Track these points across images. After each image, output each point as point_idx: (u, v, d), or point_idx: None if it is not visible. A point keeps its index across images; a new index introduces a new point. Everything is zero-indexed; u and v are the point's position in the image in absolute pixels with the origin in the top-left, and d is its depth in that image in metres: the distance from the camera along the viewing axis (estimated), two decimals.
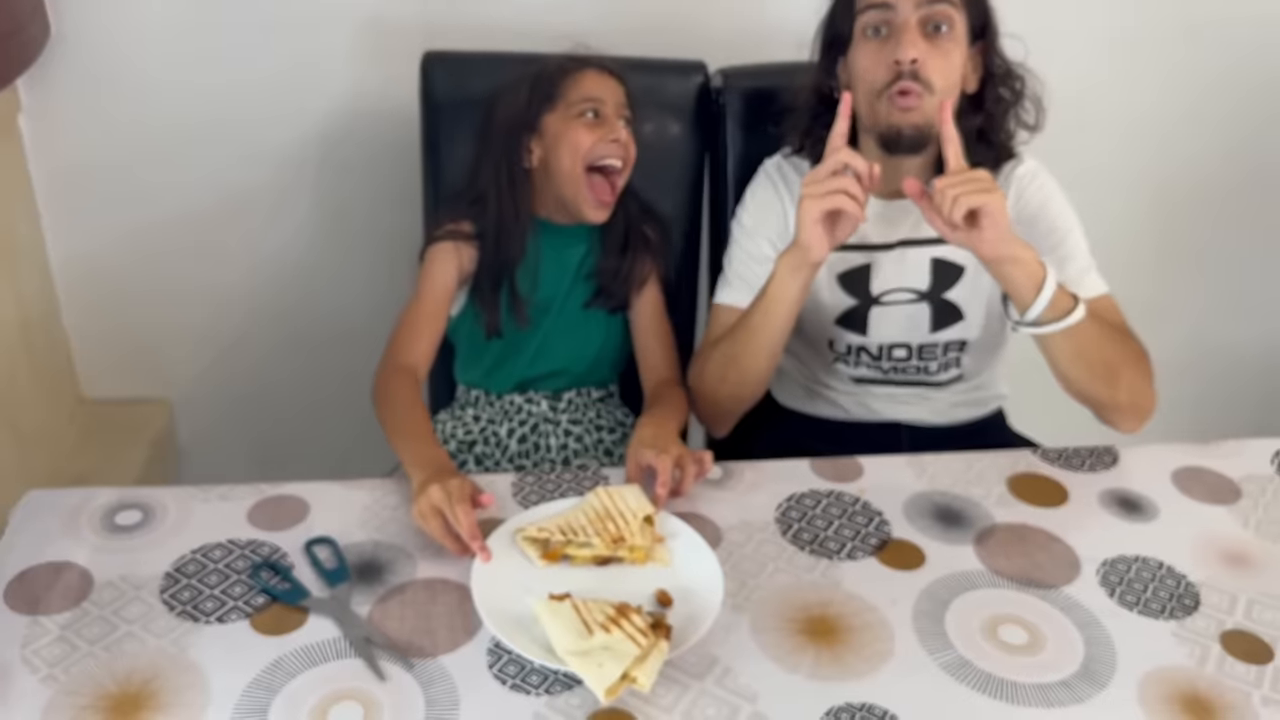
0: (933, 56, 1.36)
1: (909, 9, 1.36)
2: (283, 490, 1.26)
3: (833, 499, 1.30)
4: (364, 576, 1.14)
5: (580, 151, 1.45)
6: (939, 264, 1.49)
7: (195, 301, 1.99)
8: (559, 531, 1.17)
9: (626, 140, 1.47)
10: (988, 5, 1.43)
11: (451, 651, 1.06)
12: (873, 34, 1.39)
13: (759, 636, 1.10)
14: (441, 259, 1.50)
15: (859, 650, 1.09)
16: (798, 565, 1.19)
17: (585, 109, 1.45)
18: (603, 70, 1.48)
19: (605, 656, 1.01)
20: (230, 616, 1.08)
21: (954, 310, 1.51)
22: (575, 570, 1.16)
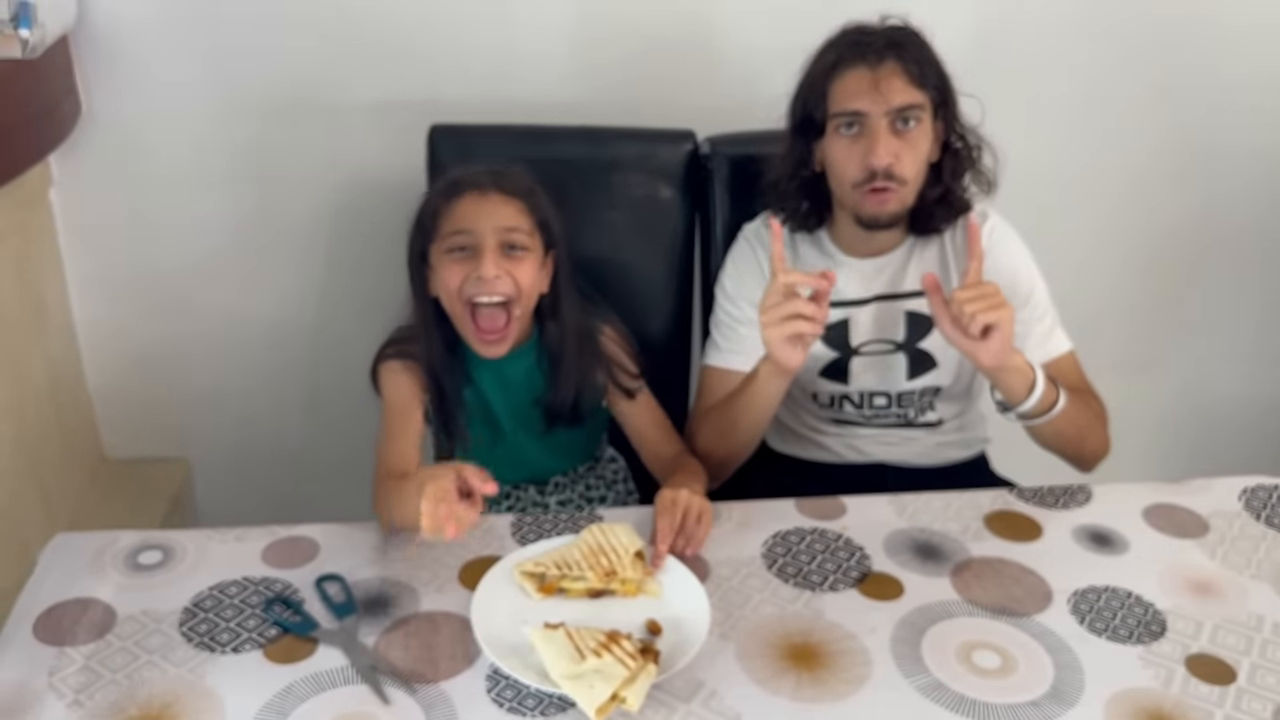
0: (904, 151, 1.45)
1: (879, 114, 1.43)
2: (295, 532, 1.33)
3: (816, 535, 1.37)
4: (370, 610, 1.21)
5: (451, 291, 1.40)
6: (913, 316, 1.58)
7: (213, 364, 2.08)
8: (554, 566, 1.23)
9: (502, 272, 1.37)
10: (946, 80, 1.49)
11: (452, 678, 1.12)
12: (846, 130, 1.46)
13: (744, 661, 1.16)
14: (393, 374, 1.48)
15: (839, 674, 1.14)
16: (782, 597, 1.26)
17: (454, 244, 1.38)
18: (482, 192, 1.39)
19: (596, 679, 1.07)
20: (244, 647, 1.15)
21: (928, 359, 1.60)
22: (570, 602, 1.23)
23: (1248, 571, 1.32)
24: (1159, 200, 2.19)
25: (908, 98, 1.43)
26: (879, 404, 1.63)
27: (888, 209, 1.48)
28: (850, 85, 1.44)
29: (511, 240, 1.38)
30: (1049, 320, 1.59)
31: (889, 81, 1.42)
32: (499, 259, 1.37)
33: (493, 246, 1.37)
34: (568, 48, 1.90)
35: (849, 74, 1.44)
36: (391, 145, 1.90)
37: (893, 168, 1.44)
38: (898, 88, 1.43)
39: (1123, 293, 2.26)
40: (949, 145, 1.52)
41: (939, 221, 1.55)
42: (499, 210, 1.38)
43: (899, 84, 1.43)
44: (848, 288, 1.57)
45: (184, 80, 1.85)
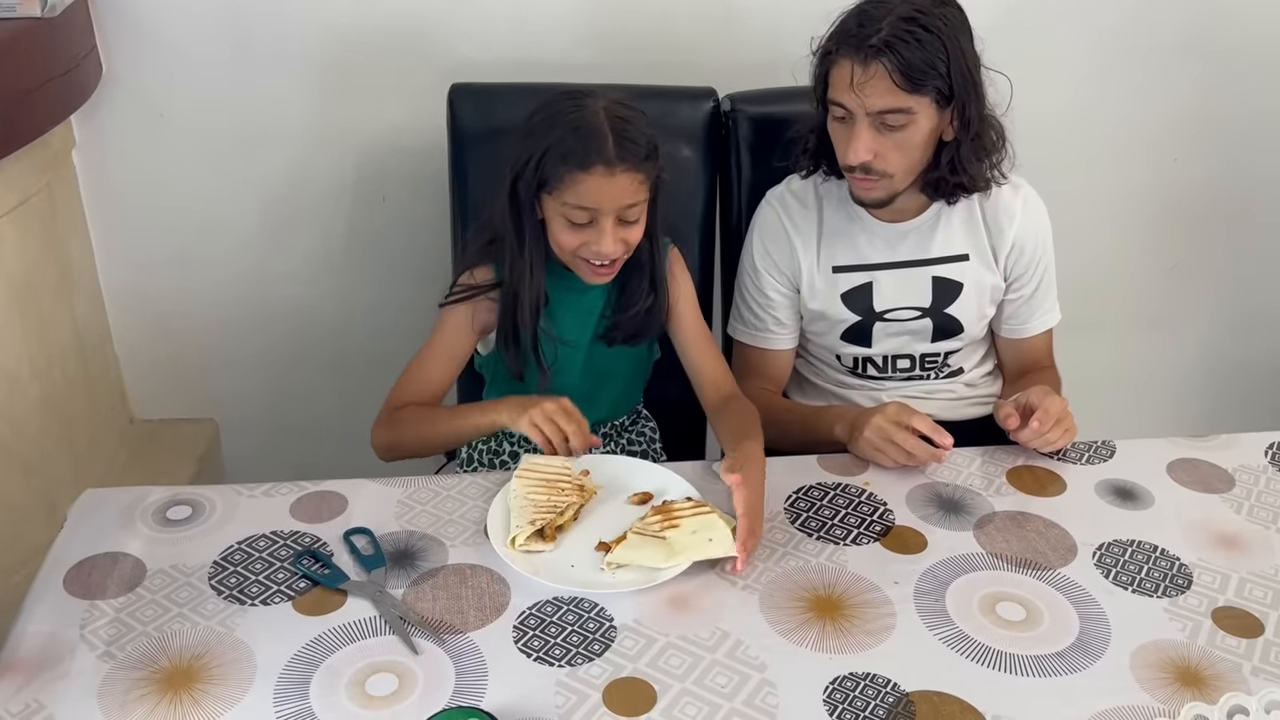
0: (887, 149, 1.43)
1: (861, 113, 1.42)
2: (323, 487, 1.34)
3: (839, 491, 1.37)
4: (399, 563, 1.22)
5: (565, 248, 1.41)
6: (939, 281, 1.57)
7: (239, 325, 2.09)
8: (534, 514, 1.24)
9: (616, 243, 1.39)
10: (960, 72, 1.41)
11: (481, 628, 1.13)
12: (836, 116, 1.46)
13: (768, 613, 1.16)
14: (455, 323, 1.49)
15: (862, 625, 1.15)
16: (806, 550, 1.26)
17: (574, 216, 1.37)
18: (610, 171, 1.34)
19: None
20: (274, 599, 1.17)
21: (954, 323, 1.60)
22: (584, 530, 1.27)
23: (1275, 526, 1.32)
24: (1186, 156, 2.17)
25: (890, 102, 1.39)
26: (902, 365, 1.64)
27: (872, 195, 1.49)
28: (838, 78, 1.43)
29: (629, 216, 1.39)
30: (1053, 294, 1.64)
31: (874, 84, 1.38)
32: (616, 229, 1.38)
33: (612, 224, 1.38)
34: (588, 6, 1.89)
35: (840, 66, 1.42)
36: (412, 106, 1.90)
37: (871, 164, 1.44)
38: (881, 90, 1.39)
39: (1151, 250, 2.24)
40: (965, 128, 1.46)
41: (957, 193, 1.53)
42: (623, 190, 1.36)
43: (884, 87, 1.38)
44: (872, 251, 1.57)
45: (204, 40, 1.85)
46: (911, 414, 1.39)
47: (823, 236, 1.58)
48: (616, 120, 1.36)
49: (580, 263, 1.42)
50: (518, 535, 1.22)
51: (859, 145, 1.42)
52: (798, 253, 1.58)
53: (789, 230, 1.58)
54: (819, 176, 1.59)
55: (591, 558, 1.22)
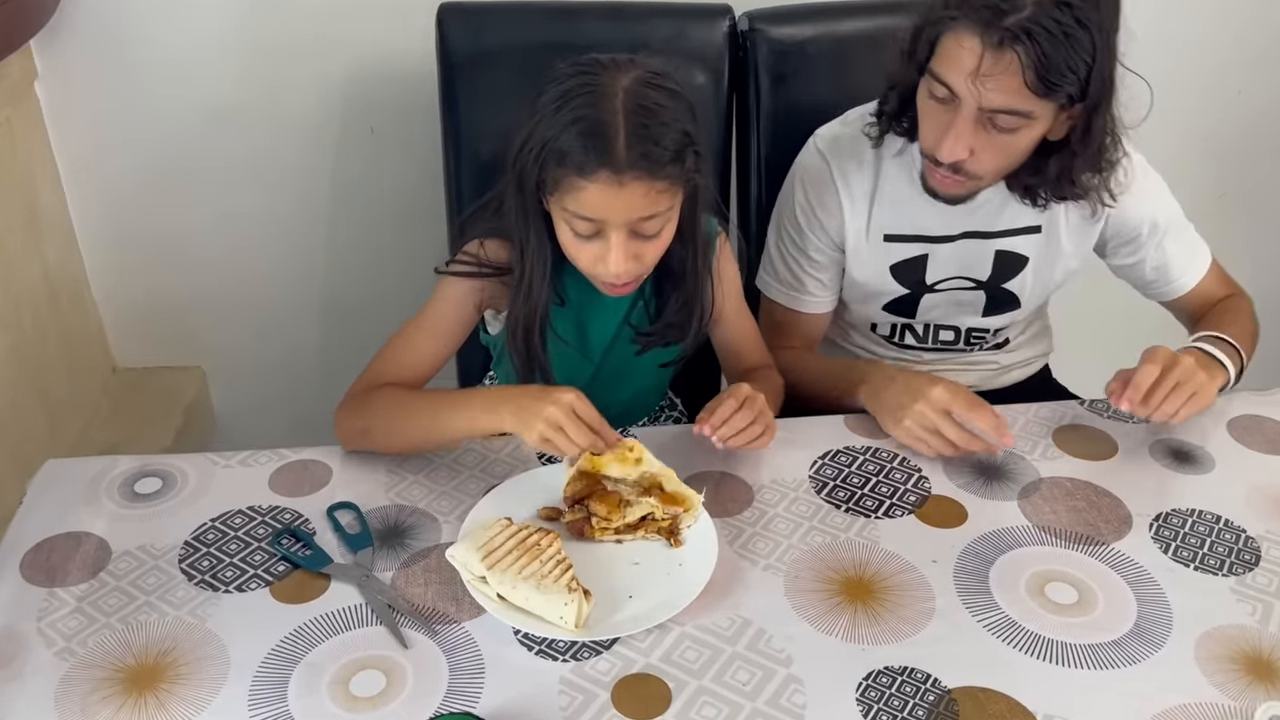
0: (986, 150, 1.23)
1: (971, 104, 1.19)
2: (305, 455, 1.23)
3: (869, 455, 1.25)
4: (387, 542, 1.11)
5: (572, 259, 1.20)
6: (1003, 255, 1.41)
7: (223, 268, 1.97)
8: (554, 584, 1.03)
9: (627, 261, 1.15)
10: (1096, 78, 1.17)
11: (476, 618, 1.03)
12: (935, 94, 1.23)
13: (793, 597, 1.05)
14: (454, 298, 1.27)
15: (898, 611, 1.04)
16: (833, 524, 1.15)
17: (579, 226, 1.15)
18: (617, 180, 1.09)
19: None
20: (250, 585, 1.06)
21: (1010, 299, 1.45)
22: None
23: None
24: (1249, 89, 2.01)
25: (1012, 102, 1.17)
26: (945, 338, 1.51)
27: (951, 192, 1.31)
28: (952, 54, 1.18)
29: (645, 230, 1.15)
30: (1188, 236, 1.45)
31: (999, 79, 1.15)
32: (629, 243, 1.15)
33: (623, 239, 1.14)
34: None
35: (959, 40, 1.17)
36: (398, 28, 1.74)
37: (964, 163, 1.24)
38: (1006, 88, 1.16)
39: (1206, 181, 2.09)
40: (1086, 136, 1.25)
41: (1043, 197, 1.33)
42: (635, 201, 1.11)
43: (1010, 85, 1.15)
44: (932, 222, 1.38)
45: None
46: (959, 400, 1.22)
47: (877, 199, 1.39)
48: (636, 111, 1.09)
49: (593, 276, 1.21)
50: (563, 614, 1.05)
51: (957, 142, 1.21)
52: (845, 214, 1.39)
53: (838, 187, 1.39)
54: None
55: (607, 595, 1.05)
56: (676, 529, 1.12)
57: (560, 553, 1.05)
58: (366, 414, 1.22)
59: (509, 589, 1.02)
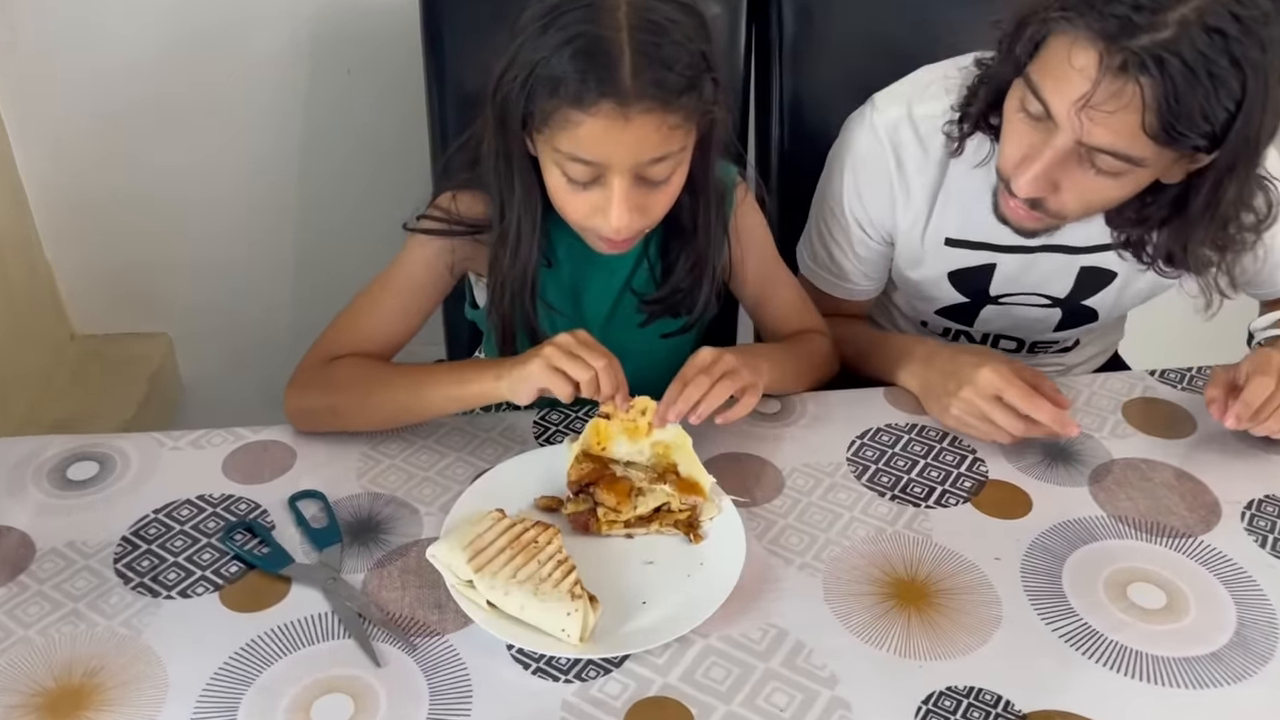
0: (1075, 189, 1.00)
1: (1069, 136, 0.95)
2: (265, 436, 1.07)
3: (914, 434, 1.09)
4: (358, 538, 0.96)
5: (563, 211, 1.02)
6: (1089, 272, 1.21)
7: (188, 225, 1.80)
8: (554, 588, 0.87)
9: (630, 213, 0.97)
10: (1254, 122, 0.92)
11: (462, 630, 0.87)
12: (1029, 109, 0.99)
13: (836, 603, 0.90)
14: (423, 260, 1.09)
15: (959, 618, 0.89)
16: (878, 515, 0.99)
17: (574, 170, 0.96)
18: (623, 112, 0.91)
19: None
20: (196, 589, 0.90)
21: (1089, 314, 1.26)
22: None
23: None
24: None
25: (1122, 145, 0.94)
26: (1006, 346, 1.33)
27: (1023, 226, 1.07)
28: (1059, 65, 0.94)
29: (653, 174, 0.97)
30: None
31: (1114, 119, 0.92)
32: (633, 192, 0.97)
33: (627, 186, 0.96)
34: None
35: (1070, 47, 0.93)
36: None
37: (1045, 201, 1.01)
38: (1120, 128, 0.92)
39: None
40: (1211, 204, 1.02)
41: (1148, 256, 1.11)
42: (644, 138, 0.93)
43: (1125, 125, 0.92)
44: (1002, 230, 1.11)
45: None
46: (1012, 386, 1.03)
47: (940, 197, 1.18)
48: (643, 28, 0.91)
49: (586, 230, 1.03)
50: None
51: (1041, 176, 0.99)
52: (898, 210, 1.19)
53: (894, 178, 1.17)
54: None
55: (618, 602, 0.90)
56: (696, 522, 0.96)
57: (561, 551, 0.89)
58: (333, 389, 1.05)
59: (501, 595, 0.86)
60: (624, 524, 0.96)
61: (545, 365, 0.94)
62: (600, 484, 0.96)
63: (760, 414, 1.10)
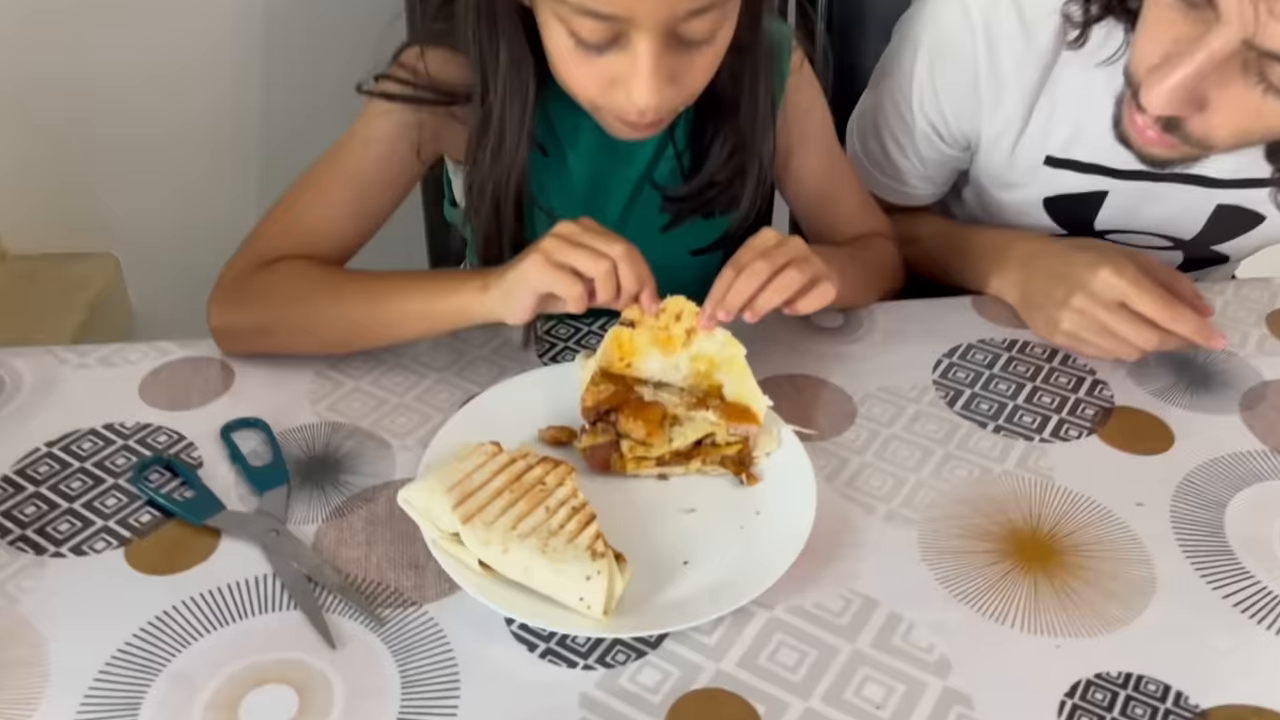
0: (1230, 109, 0.74)
1: (1234, 33, 0.69)
2: (194, 351, 0.84)
3: (1016, 351, 0.88)
4: (311, 479, 0.74)
5: (572, 85, 0.77)
6: (1227, 211, 0.96)
7: (135, 122, 1.58)
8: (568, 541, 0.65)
9: (661, 89, 0.73)
10: None
11: (446, 598, 0.66)
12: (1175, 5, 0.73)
13: (938, 564, 0.68)
14: (386, 133, 0.85)
15: (1100, 582, 0.67)
16: (981, 450, 0.77)
17: (585, 28, 0.71)
18: None
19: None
20: (95, 544, 0.68)
21: (1216, 259, 1.03)
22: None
23: None
24: None
25: None
26: None
27: (1153, 153, 0.82)
28: None
29: (690, 32, 0.72)
30: None
31: None
32: (664, 56, 0.72)
33: (656, 50, 0.71)
34: None
35: None
36: None
37: (1185, 122, 0.76)
38: None
39: None
40: None
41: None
42: None
43: None
44: (1119, 151, 0.85)
45: None
46: (1138, 290, 0.81)
47: (1042, 102, 0.93)
48: None
49: (599, 110, 0.79)
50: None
51: (1180, 87, 0.73)
52: (984, 113, 0.95)
53: (982, 71, 0.92)
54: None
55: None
56: (749, 458, 0.74)
57: (577, 495, 0.68)
58: (265, 302, 0.82)
59: (498, 553, 0.64)
60: (655, 461, 0.74)
61: (544, 262, 0.71)
62: (624, 410, 0.74)
63: (818, 327, 0.89)
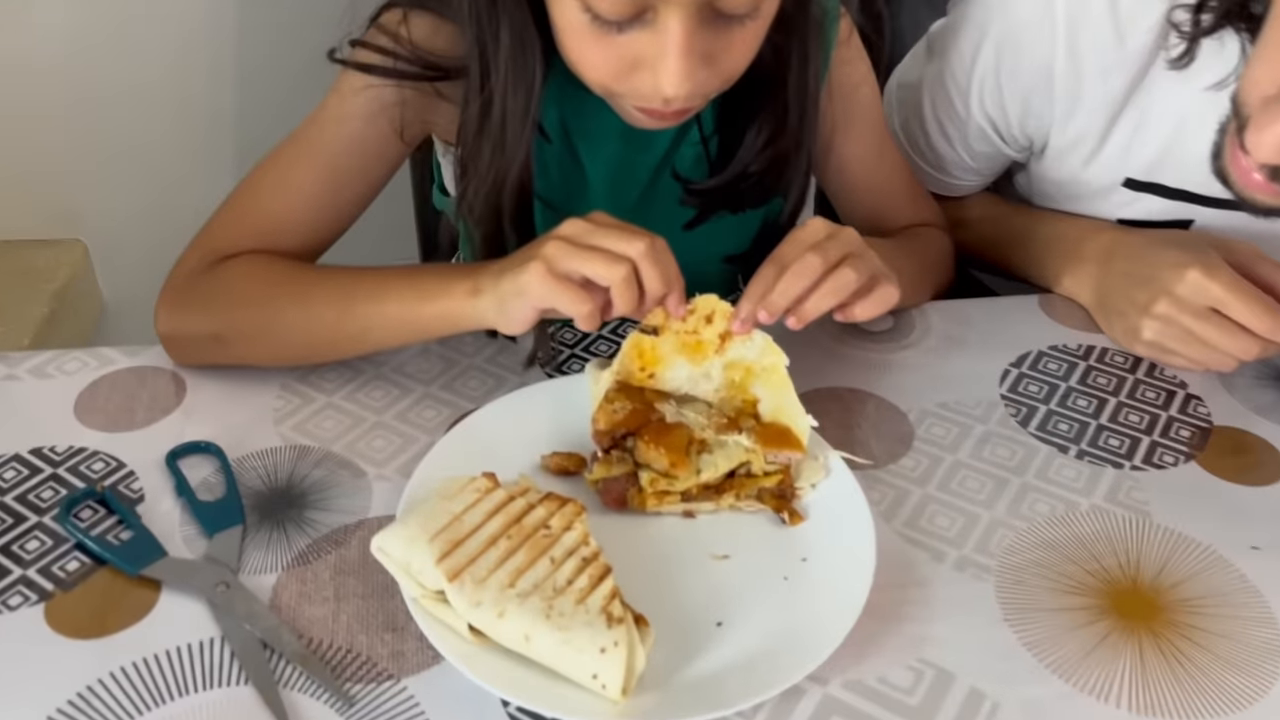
0: None
1: None
2: (142, 360, 0.73)
3: (1095, 360, 0.76)
4: (271, 516, 0.62)
5: (586, 72, 0.65)
6: None
7: (105, 108, 1.47)
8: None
9: (692, 74, 0.60)
10: None
11: (427, 671, 0.54)
12: None
13: (1022, 625, 0.57)
14: (363, 110, 0.72)
15: (1219, 649, 0.56)
16: (1063, 481, 0.66)
17: (604, 6, 0.59)
18: None
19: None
20: (9, 599, 0.57)
21: None
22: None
23: None
24: None
25: None
26: None
27: (1256, 199, 0.69)
28: None
29: (729, 5, 0.60)
30: None
31: None
32: (700, 34, 0.60)
33: (690, 25, 0.59)
34: None
35: None
36: None
37: None
38: None
39: None
40: None
41: None
42: None
43: None
44: (1213, 180, 0.73)
45: None
46: (1233, 292, 0.70)
47: (1128, 114, 0.79)
48: None
49: (617, 96, 0.66)
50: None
51: None
52: (1055, 119, 0.81)
53: (1059, 72, 0.78)
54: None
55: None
56: (791, 490, 0.63)
57: (587, 542, 0.56)
58: (218, 305, 0.70)
59: (492, 617, 0.52)
60: (681, 496, 0.62)
61: (546, 274, 0.58)
62: (643, 435, 0.62)
63: (863, 331, 0.77)
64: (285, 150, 0.73)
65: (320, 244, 0.74)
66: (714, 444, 0.63)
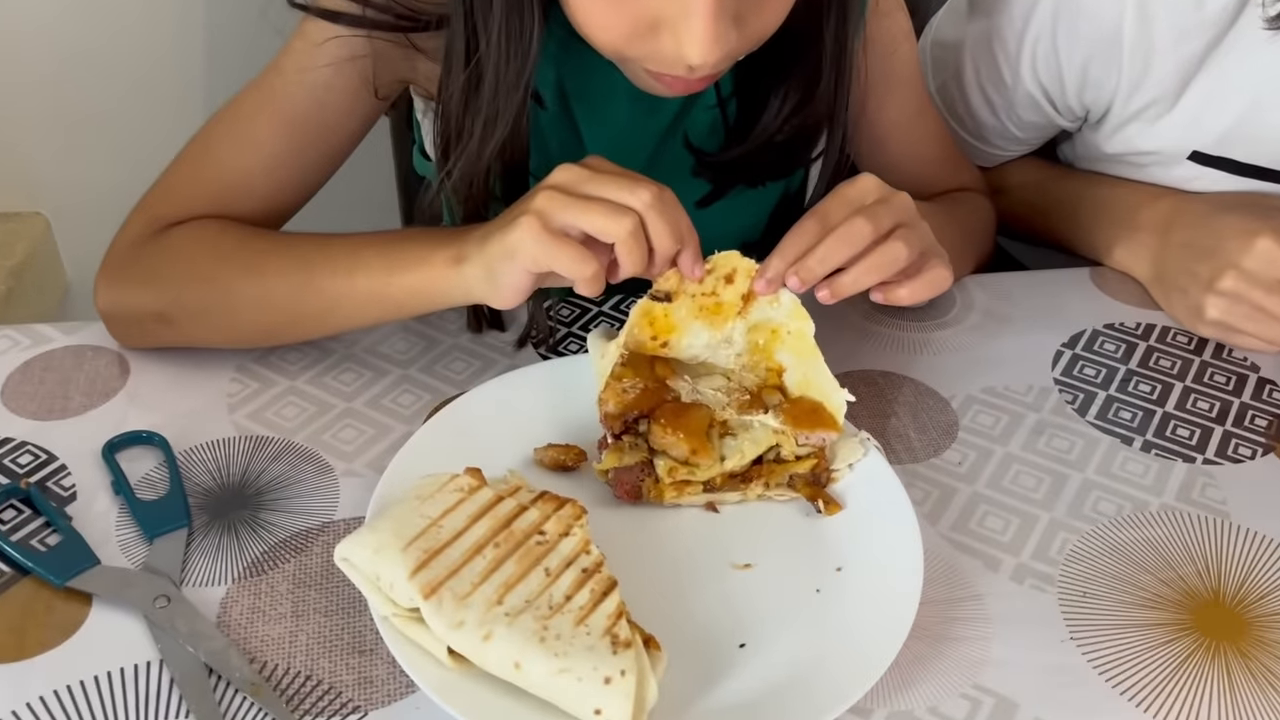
0: None
1: None
2: (79, 339, 0.64)
3: (1157, 340, 0.68)
4: (221, 517, 0.54)
5: (600, 37, 0.56)
6: None
7: (65, 70, 1.40)
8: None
9: (722, 40, 0.52)
10: None
11: (402, 701, 0.46)
12: None
13: (1092, 646, 0.49)
14: (331, 59, 0.63)
15: None
16: (1129, 477, 0.58)
17: None
18: None
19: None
20: None
21: None
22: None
23: None
24: None
25: None
26: None
27: None
28: None
29: None
30: None
31: None
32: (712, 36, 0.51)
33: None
34: None
35: None
36: None
37: None
38: None
39: None
40: None
41: None
42: None
43: None
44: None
45: None
46: None
47: (1200, 81, 0.71)
48: None
49: (630, 61, 0.58)
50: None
51: None
52: (1120, 87, 0.72)
53: (1127, 35, 0.69)
54: None
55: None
56: (826, 474, 0.55)
57: (588, 550, 0.48)
58: (162, 279, 0.61)
59: (476, 640, 0.44)
60: (703, 486, 0.54)
61: (540, 230, 0.50)
62: (657, 418, 0.54)
63: (896, 306, 0.69)
64: (243, 101, 0.65)
65: (282, 210, 0.65)
66: (737, 426, 0.55)
